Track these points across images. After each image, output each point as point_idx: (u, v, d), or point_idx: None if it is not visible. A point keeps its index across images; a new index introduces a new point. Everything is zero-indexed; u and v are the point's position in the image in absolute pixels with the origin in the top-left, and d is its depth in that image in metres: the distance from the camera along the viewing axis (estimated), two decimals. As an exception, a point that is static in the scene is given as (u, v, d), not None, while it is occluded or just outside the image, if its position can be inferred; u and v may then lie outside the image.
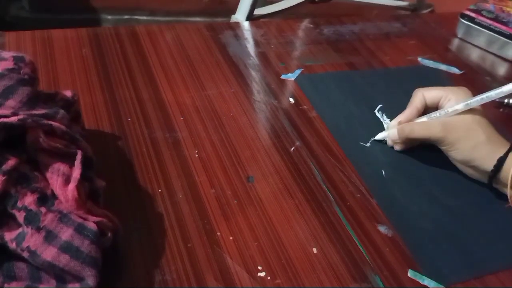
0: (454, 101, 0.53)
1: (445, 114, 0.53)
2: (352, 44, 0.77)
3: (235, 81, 0.64)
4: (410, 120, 0.55)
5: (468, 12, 0.84)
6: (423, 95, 0.56)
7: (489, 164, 0.49)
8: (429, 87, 0.57)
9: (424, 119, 0.55)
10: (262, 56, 0.71)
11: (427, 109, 0.56)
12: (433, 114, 0.54)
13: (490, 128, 0.51)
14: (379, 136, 0.58)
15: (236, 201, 0.48)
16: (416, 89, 0.57)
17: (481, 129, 0.51)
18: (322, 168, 0.53)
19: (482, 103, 0.51)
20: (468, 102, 0.52)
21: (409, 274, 0.44)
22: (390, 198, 0.51)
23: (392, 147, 0.57)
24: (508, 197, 0.49)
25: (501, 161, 0.48)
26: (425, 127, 0.54)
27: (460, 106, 0.52)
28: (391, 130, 0.56)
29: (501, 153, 0.49)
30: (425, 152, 0.57)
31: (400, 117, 0.56)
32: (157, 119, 0.56)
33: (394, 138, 0.56)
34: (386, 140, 0.58)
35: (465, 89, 0.55)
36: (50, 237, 0.35)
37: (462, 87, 0.56)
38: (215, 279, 0.41)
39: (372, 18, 0.88)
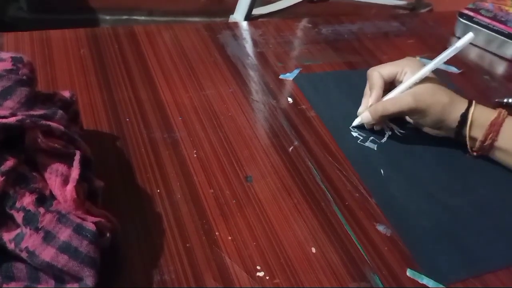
0: (410, 73, 0.56)
1: (409, 85, 0.55)
2: (350, 44, 0.77)
3: (233, 81, 0.64)
4: (379, 100, 0.57)
5: (466, 11, 0.84)
6: (379, 73, 0.57)
7: (455, 121, 0.54)
8: (381, 65, 0.59)
9: (391, 95, 0.57)
10: (261, 56, 0.70)
11: (384, 85, 0.58)
12: (398, 89, 0.56)
13: (448, 90, 0.55)
14: (355, 123, 0.59)
15: (234, 201, 0.48)
16: (370, 69, 0.59)
17: (443, 92, 0.54)
18: (321, 168, 0.53)
19: (444, 61, 0.55)
20: (434, 62, 0.55)
21: (408, 273, 0.44)
22: (389, 197, 0.51)
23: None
24: (468, 147, 0.55)
25: (464, 117, 0.53)
26: (396, 102, 0.55)
27: (425, 70, 0.54)
28: (363, 114, 0.58)
29: (463, 109, 0.53)
30: (424, 151, 0.57)
31: (371, 100, 0.57)
32: (155, 119, 0.56)
33: (369, 121, 0.57)
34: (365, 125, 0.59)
35: (413, 59, 0.58)
36: (48, 237, 0.35)
37: (409, 57, 0.58)
38: (213, 279, 0.41)
39: (370, 18, 0.88)
